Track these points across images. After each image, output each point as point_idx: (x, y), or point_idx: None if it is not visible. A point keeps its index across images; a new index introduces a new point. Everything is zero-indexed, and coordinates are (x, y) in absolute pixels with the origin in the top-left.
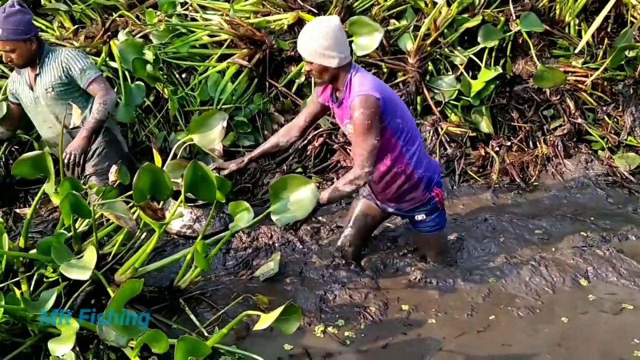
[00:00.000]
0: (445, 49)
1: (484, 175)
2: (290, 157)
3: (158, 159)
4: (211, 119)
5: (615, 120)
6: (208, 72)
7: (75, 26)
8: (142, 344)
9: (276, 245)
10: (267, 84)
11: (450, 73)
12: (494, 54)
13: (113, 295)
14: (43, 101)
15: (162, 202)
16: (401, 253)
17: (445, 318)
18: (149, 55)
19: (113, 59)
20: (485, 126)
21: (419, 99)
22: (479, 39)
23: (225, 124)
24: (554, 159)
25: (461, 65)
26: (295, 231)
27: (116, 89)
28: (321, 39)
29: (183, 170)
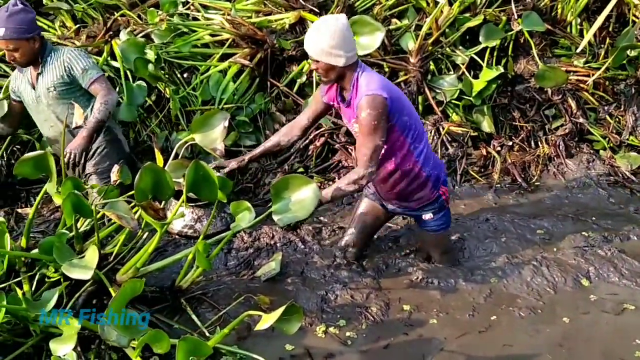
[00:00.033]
0: (447, 49)
1: (485, 175)
2: (292, 157)
3: (160, 159)
4: (213, 118)
5: (617, 119)
6: (209, 72)
7: (77, 25)
8: (144, 344)
9: (278, 245)
10: (269, 84)
11: (451, 72)
12: (495, 54)
13: (114, 295)
14: (44, 100)
15: (164, 202)
16: (403, 253)
17: (446, 318)
18: (151, 54)
19: (115, 58)
20: (487, 126)
21: (420, 98)
22: (481, 39)
23: (226, 124)
24: (555, 158)
25: (463, 64)
26: (294, 229)
27: (118, 88)
28: (328, 37)
29: (185, 170)
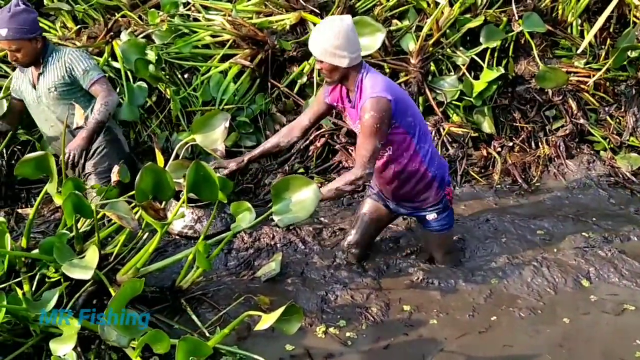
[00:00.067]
0: (448, 50)
1: (485, 175)
2: (292, 158)
3: (160, 159)
4: (213, 119)
5: (618, 120)
6: (210, 73)
7: (78, 26)
8: (144, 344)
9: (278, 245)
10: (269, 84)
11: (452, 73)
12: (496, 55)
13: (113, 295)
14: (45, 100)
15: (164, 203)
16: (403, 254)
17: (446, 319)
18: (152, 55)
19: (115, 59)
20: (488, 127)
21: (421, 99)
22: (481, 40)
23: (227, 124)
24: (556, 159)
25: (463, 65)
26: (289, 227)
27: (118, 89)
28: (333, 38)
29: (185, 171)
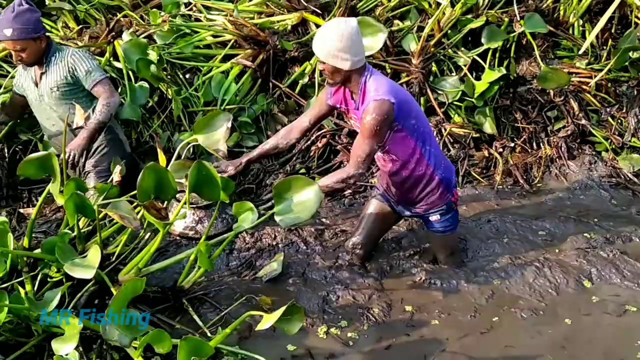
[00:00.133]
0: (449, 50)
1: (487, 176)
2: (294, 158)
3: (162, 159)
4: (215, 119)
5: (619, 121)
6: (212, 73)
7: (80, 26)
8: (146, 344)
9: (279, 246)
10: (271, 85)
11: (453, 74)
12: (497, 55)
13: (115, 295)
14: (47, 99)
15: (166, 203)
16: (405, 254)
17: (448, 319)
18: (153, 55)
19: (117, 59)
20: (489, 127)
21: (422, 99)
22: (483, 40)
23: (229, 125)
24: (557, 160)
25: (465, 66)
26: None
27: (120, 89)
28: (336, 40)
29: (187, 171)
